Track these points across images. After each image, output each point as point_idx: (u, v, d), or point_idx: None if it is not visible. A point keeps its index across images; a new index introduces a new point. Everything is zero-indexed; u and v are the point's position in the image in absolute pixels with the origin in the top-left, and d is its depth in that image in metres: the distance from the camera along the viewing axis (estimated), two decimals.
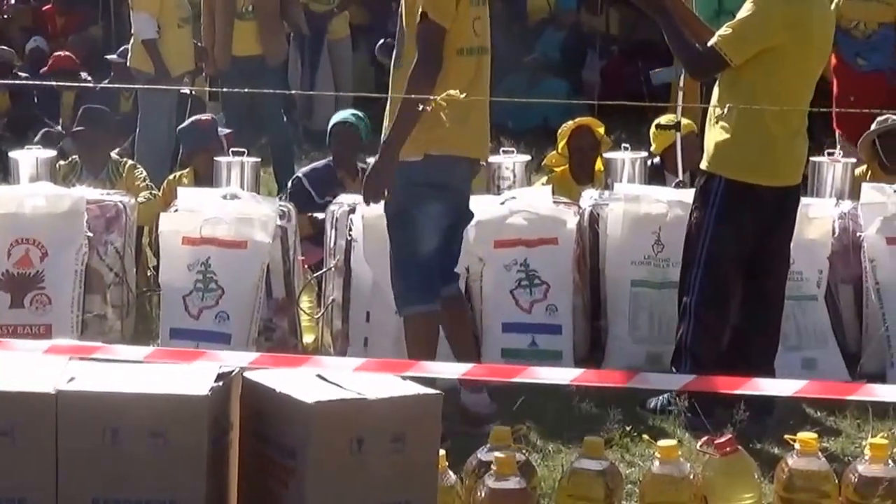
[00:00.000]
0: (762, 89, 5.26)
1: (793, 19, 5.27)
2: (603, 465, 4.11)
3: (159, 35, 9.15)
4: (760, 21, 5.26)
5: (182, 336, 5.88)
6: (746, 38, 5.26)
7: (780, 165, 5.36)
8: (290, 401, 3.35)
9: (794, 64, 5.29)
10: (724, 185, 5.31)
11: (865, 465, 4.14)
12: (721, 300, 5.41)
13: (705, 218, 5.34)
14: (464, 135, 5.15)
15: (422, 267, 5.20)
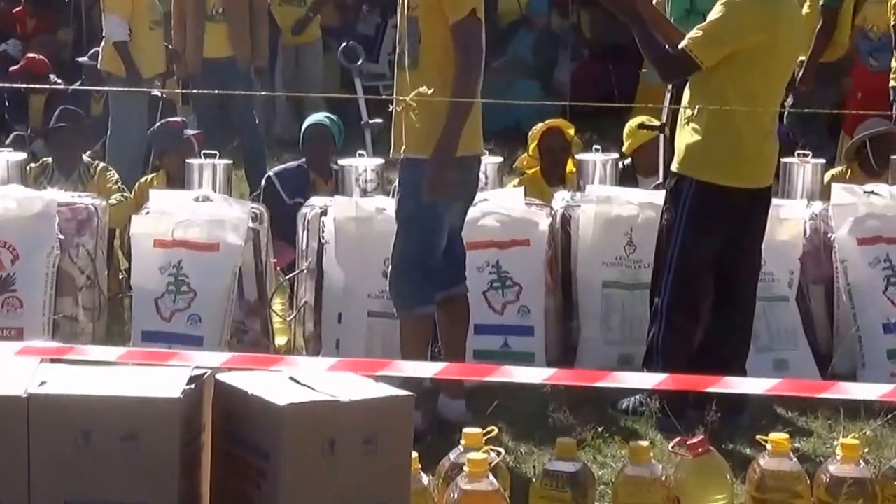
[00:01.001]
0: (733, 91, 5.28)
1: (763, 21, 5.29)
2: (575, 466, 4.12)
3: (131, 37, 9.12)
4: (731, 23, 5.28)
5: (154, 339, 5.86)
6: (717, 40, 5.28)
7: (751, 167, 5.39)
8: (262, 403, 3.35)
9: (764, 65, 5.32)
10: (695, 186, 5.33)
11: (837, 466, 4.16)
12: (692, 302, 5.43)
13: (676, 220, 5.36)
14: (476, 132, 5.25)
15: (429, 268, 5.21)
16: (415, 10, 5.16)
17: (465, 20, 5.07)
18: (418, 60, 5.16)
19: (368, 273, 5.93)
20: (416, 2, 5.15)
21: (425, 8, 5.12)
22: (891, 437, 5.20)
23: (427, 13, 5.12)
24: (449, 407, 5.31)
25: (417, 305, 5.21)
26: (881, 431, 5.26)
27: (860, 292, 6.10)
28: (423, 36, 5.13)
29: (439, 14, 5.10)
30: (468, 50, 5.10)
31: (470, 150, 5.23)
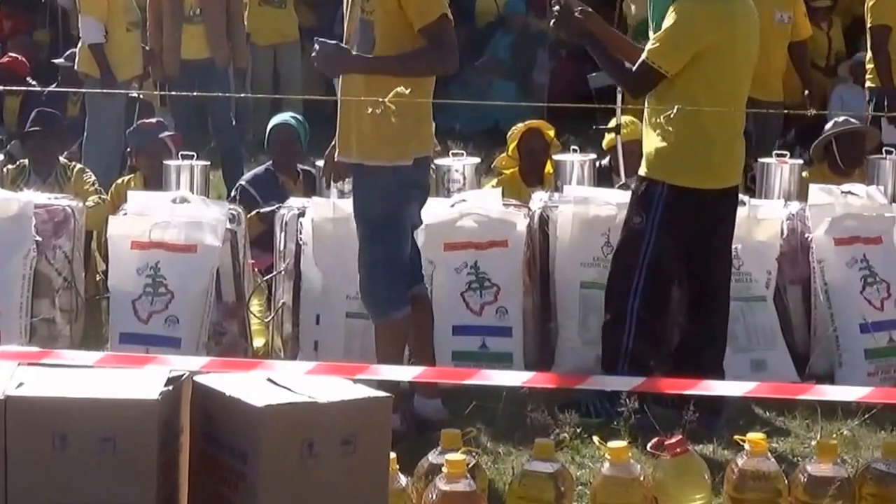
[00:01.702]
0: (699, 93, 5.29)
1: (717, 19, 5.33)
2: (554, 467, 4.13)
3: (107, 39, 9.09)
4: (687, 26, 5.31)
5: (132, 340, 5.84)
6: (676, 46, 5.31)
7: (721, 167, 5.42)
8: (240, 405, 3.34)
9: (724, 64, 5.35)
10: (667, 190, 5.35)
11: (814, 465, 4.17)
12: (664, 304, 5.46)
13: (648, 223, 5.37)
14: (428, 134, 5.26)
15: (400, 271, 5.20)
16: (370, 14, 5.07)
17: (435, 25, 5.02)
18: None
19: (346, 274, 5.91)
20: (373, 5, 5.05)
21: (383, 12, 5.04)
22: (868, 437, 5.22)
23: (385, 17, 5.04)
24: (426, 406, 5.31)
25: (393, 310, 5.20)
26: (858, 431, 5.28)
27: (837, 292, 6.12)
28: (378, 40, 5.05)
29: (399, 19, 5.03)
30: (442, 45, 5.05)
31: (422, 152, 5.22)
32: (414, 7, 5.01)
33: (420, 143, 5.17)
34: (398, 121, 4.86)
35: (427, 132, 5.24)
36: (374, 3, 5.06)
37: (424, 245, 6.10)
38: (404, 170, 5.11)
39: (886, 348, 6.05)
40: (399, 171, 5.10)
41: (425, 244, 6.11)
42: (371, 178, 5.14)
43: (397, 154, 5.09)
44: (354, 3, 5.15)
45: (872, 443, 5.07)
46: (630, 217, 5.46)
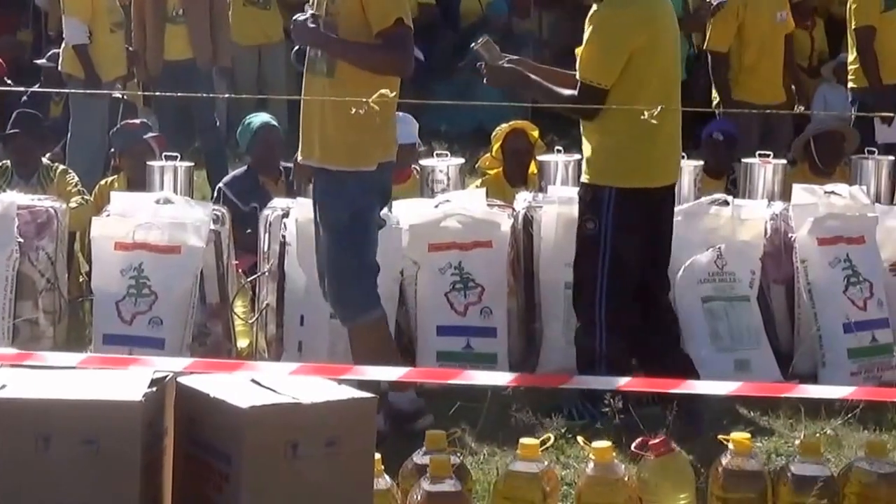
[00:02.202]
0: (634, 95, 5.33)
1: (639, 21, 5.39)
2: (538, 467, 4.12)
3: (91, 40, 9.07)
4: (611, 35, 5.36)
5: (115, 342, 5.82)
6: (607, 56, 5.36)
7: (665, 164, 5.51)
8: (224, 406, 3.34)
9: (654, 64, 5.40)
10: (615, 194, 5.39)
11: (798, 465, 4.18)
12: (629, 305, 5.49)
13: (602, 229, 5.41)
14: (392, 139, 5.26)
15: (371, 273, 5.20)
16: (334, 17, 5.07)
17: (391, 29, 5.02)
18: (335, 68, 5.10)
19: None
20: (337, 7, 5.06)
21: (347, 13, 5.04)
22: (851, 436, 5.23)
23: (347, 19, 5.04)
24: (401, 399, 5.30)
25: (365, 312, 5.20)
26: (842, 430, 5.29)
27: (820, 292, 6.14)
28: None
29: (361, 21, 5.03)
30: (397, 49, 5.05)
31: (386, 157, 5.21)
32: (374, 10, 5.02)
33: (384, 148, 5.18)
34: (362, 126, 4.91)
35: (391, 137, 5.24)
36: (338, 5, 5.08)
37: (409, 246, 6.12)
38: (368, 175, 5.11)
39: (869, 348, 6.07)
40: (363, 176, 5.10)
41: (409, 245, 6.11)
42: (335, 184, 5.13)
43: (361, 159, 5.09)
44: (319, 4, 5.16)
45: (856, 441, 5.09)
46: (583, 225, 5.48)
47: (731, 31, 8.44)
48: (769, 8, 8.46)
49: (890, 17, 8.64)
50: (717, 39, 8.52)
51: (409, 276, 6.13)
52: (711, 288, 6.10)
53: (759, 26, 8.40)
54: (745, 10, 8.40)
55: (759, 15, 8.41)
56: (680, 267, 6.12)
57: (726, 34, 8.46)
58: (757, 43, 8.39)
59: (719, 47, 8.51)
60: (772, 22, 8.44)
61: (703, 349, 5.98)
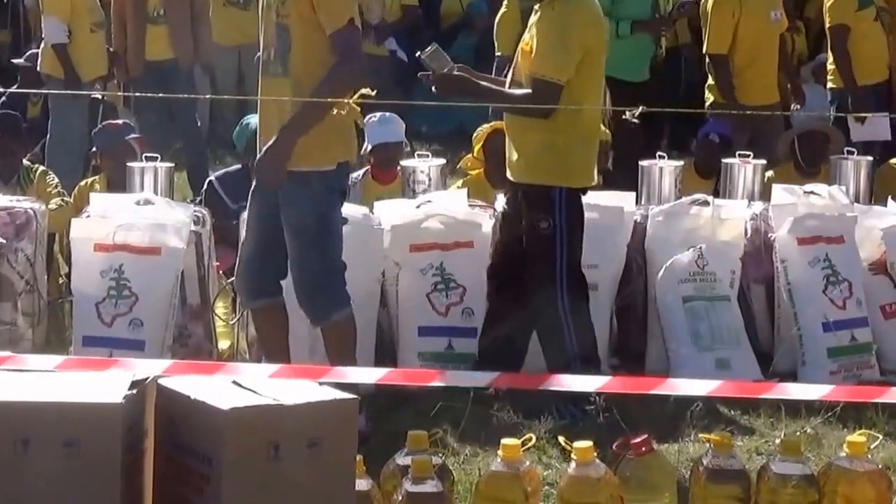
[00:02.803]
0: (584, 95, 5.48)
1: (590, 19, 5.54)
2: (520, 467, 4.13)
3: (70, 40, 9.05)
4: (569, 32, 5.44)
5: (95, 344, 5.81)
6: (566, 53, 5.43)
7: (594, 165, 5.70)
8: (205, 407, 3.33)
9: (598, 65, 5.58)
10: (566, 193, 5.50)
11: (779, 463, 4.19)
12: (586, 299, 5.61)
13: (558, 227, 5.48)
14: (353, 139, 5.25)
15: (340, 271, 5.21)
16: (286, 18, 5.07)
17: (344, 30, 5.02)
18: (288, 69, 5.09)
19: None
20: (288, 9, 5.05)
21: (298, 15, 5.04)
22: (831, 435, 5.25)
23: (300, 21, 5.04)
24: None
25: (336, 311, 5.21)
26: (821, 429, 5.31)
27: (800, 292, 6.16)
28: (294, 44, 5.06)
29: (313, 23, 5.03)
30: (347, 59, 5.04)
31: (345, 157, 5.22)
32: (325, 11, 5.02)
33: (345, 148, 5.17)
34: (322, 125, 4.94)
35: (351, 137, 5.23)
36: (289, 7, 5.07)
37: (390, 246, 6.11)
38: (328, 174, 5.11)
39: (848, 347, 6.09)
40: (323, 175, 5.10)
41: (391, 245, 6.11)
42: (300, 185, 5.11)
43: (321, 159, 5.09)
44: (269, 7, 5.15)
45: (835, 440, 5.10)
46: (535, 225, 5.52)
47: (729, 32, 8.28)
48: (764, 7, 8.33)
49: (864, 17, 8.68)
50: (716, 41, 8.36)
51: (390, 276, 6.13)
52: (692, 287, 6.11)
53: (753, 26, 8.27)
54: (741, 9, 8.27)
55: (754, 15, 8.28)
56: (660, 267, 6.14)
57: (724, 35, 8.30)
58: (750, 43, 8.27)
59: (719, 49, 8.35)
60: (766, 21, 8.31)
61: (684, 348, 6.00)
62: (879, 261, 6.41)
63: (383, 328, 6.18)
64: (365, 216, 6.14)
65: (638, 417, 5.24)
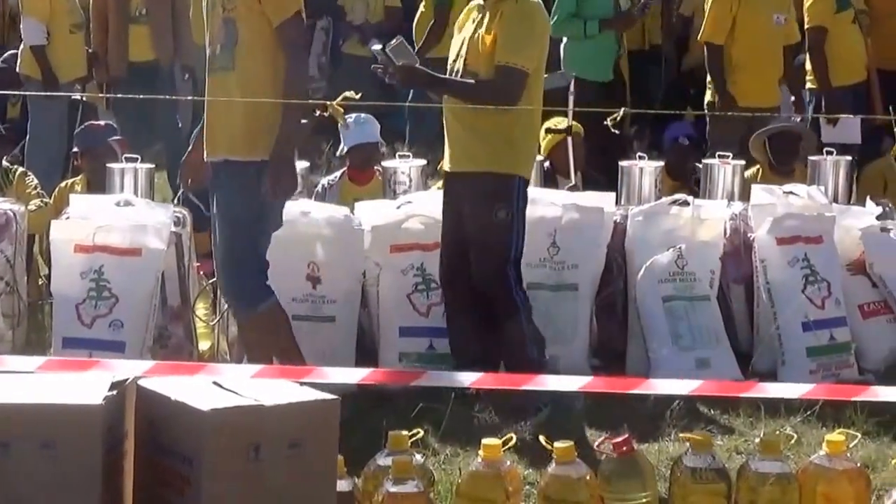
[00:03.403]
0: (536, 85, 5.61)
1: (546, 18, 5.76)
2: (501, 467, 4.14)
3: (49, 41, 9.02)
4: (535, 24, 5.59)
5: (75, 345, 5.79)
6: (532, 43, 5.55)
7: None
8: (185, 408, 3.33)
9: (544, 62, 5.70)
10: (521, 182, 5.61)
11: (759, 462, 4.21)
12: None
13: (514, 216, 5.56)
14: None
15: (264, 265, 5.19)
16: (231, 11, 5.08)
17: (291, 21, 5.05)
18: (235, 62, 5.10)
19: (292, 277, 5.91)
20: (234, 3, 5.07)
21: (245, 9, 5.06)
22: (810, 434, 5.27)
23: (246, 14, 5.05)
24: None
25: (261, 301, 5.19)
26: (801, 428, 5.33)
27: (779, 291, 6.18)
28: (241, 37, 5.07)
29: (259, 15, 5.05)
30: (296, 50, 5.09)
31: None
32: (272, 2, 5.04)
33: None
34: (266, 117, 4.98)
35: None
36: (235, 1, 5.08)
37: (371, 247, 6.12)
38: (262, 165, 5.09)
39: (827, 346, 6.11)
40: (262, 167, 5.08)
41: (372, 246, 6.12)
42: (236, 176, 5.12)
43: (255, 149, 5.08)
44: (214, 4, 5.15)
45: (815, 439, 5.12)
46: (492, 214, 5.54)
47: (727, 23, 8.13)
48: (766, 7, 8.19)
49: (842, 19, 8.70)
50: (710, 30, 8.23)
51: (371, 277, 6.13)
52: (672, 287, 6.13)
53: (752, 23, 8.12)
54: (739, 4, 8.14)
55: (753, 11, 8.13)
56: (640, 267, 6.15)
57: (722, 25, 8.15)
58: (748, 40, 8.12)
59: (713, 38, 8.21)
60: (768, 22, 8.17)
61: (664, 348, 6.02)
62: (858, 261, 6.44)
63: (364, 329, 6.18)
64: (346, 217, 6.14)
65: (618, 417, 5.25)
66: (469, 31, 5.68)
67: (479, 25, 5.64)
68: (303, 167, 7.16)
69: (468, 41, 5.65)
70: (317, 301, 5.94)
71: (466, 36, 5.68)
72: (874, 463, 4.94)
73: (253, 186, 5.08)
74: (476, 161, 5.60)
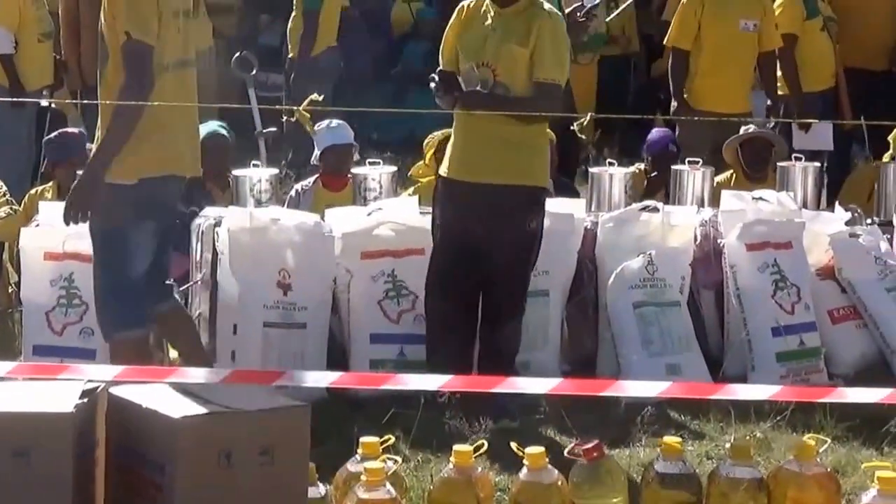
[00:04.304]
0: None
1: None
2: (472, 473, 4.14)
3: (17, 50, 8.98)
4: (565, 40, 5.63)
5: (45, 353, 5.77)
6: (567, 60, 5.66)
7: None
8: (156, 415, 3.32)
9: None
10: (545, 194, 5.68)
11: (729, 467, 4.23)
12: None
13: (539, 229, 5.61)
14: (176, 153, 5.05)
15: (133, 290, 5.02)
16: (102, 25, 5.01)
17: (126, 44, 4.90)
18: (105, 77, 5.01)
19: (263, 284, 5.90)
20: (104, 16, 4.99)
21: (106, 26, 4.98)
22: (780, 439, 5.29)
23: (109, 32, 4.97)
24: None
25: (118, 331, 5.04)
26: (771, 433, 5.35)
27: (749, 297, 6.20)
28: (110, 54, 4.98)
29: (115, 31, 4.94)
30: (128, 73, 4.90)
31: (149, 173, 4.99)
32: (120, 22, 4.93)
33: (146, 163, 4.96)
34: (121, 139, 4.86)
35: (157, 153, 4.98)
36: (105, 16, 5.01)
37: (341, 254, 6.11)
38: (126, 189, 4.94)
39: (797, 351, 6.14)
40: (119, 189, 4.93)
41: (342, 253, 6.11)
42: (102, 195, 4.97)
43: (118, 171, 4.94)
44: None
45: (785, 444, 5.14)
46: (526, 225, 5.54)
47: (692, 28, 8.09)
48: (733, 12, 8.13)
49: (812, 26, 8.77)
50: (674, 34, 8.20)
51: (342, 284, 6.13)
52: (642, 293, 6.14)
53: (716, 30, 8.10)
54: (703, 9, 8.10)
55: (717, 18, 8.10)
56: (611, 273, 6.17)
57: (684, 30, 8.13)
58: (713, 47, 8.10)
59: (677, 42, 8.19)
60: (734, 28, 8.11)
61: (635, 354, 6.03)
62: (827, 266, 6.48)
63: (335, 335, 6.17)
64: (316, 224, 6.13)
65: (589, 422, 5.26)
66: (492, 38, 5.58)
67: (505, 34, 5.56)
68: (272, 174, 7.16)
69: (496, 51, 5.55)
70: (288, 308, 5.93)
71: (490, 43, 5.57)
72: (844, 468, 4.96)
73: (108, 208, 4.92)
74: (508, 174, 5.53)
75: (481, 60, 5.58)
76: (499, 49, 5.55)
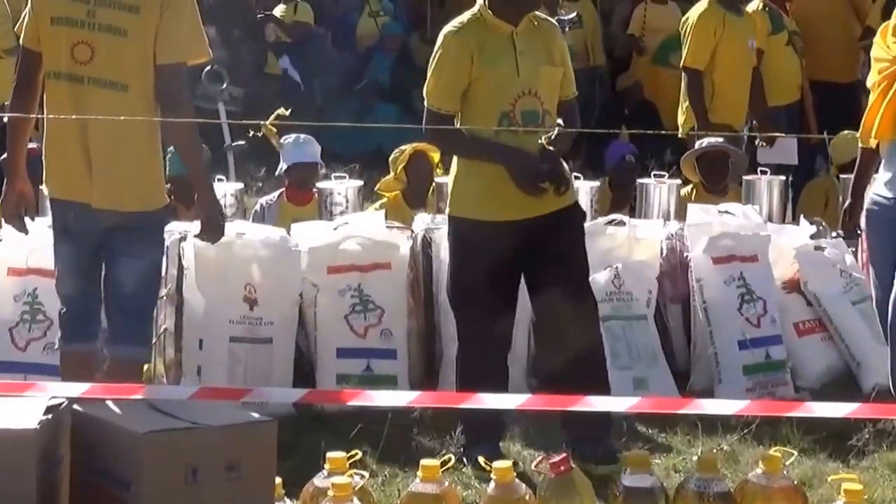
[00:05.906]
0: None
1: None
2: (439, 488, 4.13)
3: None
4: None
5: (9, 369, 5.73)
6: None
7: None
8: (121, 431, 3.30)
9: None
10: None
11: (696, 480, 4.24)
12: None
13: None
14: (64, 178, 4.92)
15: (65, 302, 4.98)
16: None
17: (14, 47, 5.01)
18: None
19: (229, 298, 5.88)
20: None
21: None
22: (747, 452, 5.31)
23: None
24: None
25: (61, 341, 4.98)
26: (738, 446, 5.36)
27: (716, 310, 6.22)
28: None
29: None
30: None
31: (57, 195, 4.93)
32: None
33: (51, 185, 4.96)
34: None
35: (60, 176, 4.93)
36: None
37: (308, 268, 6.10)
38: (51, 206, 5.00)
39: (763, 364, 6.16)
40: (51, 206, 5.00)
41: (308, 267, 6.10)
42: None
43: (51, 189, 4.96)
44: None
45: (751, 457, 5.16)
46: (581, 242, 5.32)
47: (709, 48, 8.08)
48: (743, 32, 8.20)
49: (777, 41, 8.83)
50: (692, 56, 8.16)
51: (308, 298, 6.11)
52: (609, 307, 6.15)
53: (733, 49, 8.12)
54: (723, 29, 8.08)
55: (735, 38, 8.12)
56: None
57: (704, 51, 8.10)
58: (728, 66, 8.11)
59: (695, 64, 8.14)
60: (745, 47, 8.18)
61: None
62: (792, 279, 6.51)
63: (301, 350, 6.16)
64: (282, 238, 6.11)
65: (556, 436, 5.26)
66: (523, 63, 5.15)
67: (533, 56, 5.18)
68: (237, 189, 7.14)
69: (534, 76, 5.15)
70: (254, 322, 5.91)
71: (524, 69, 5.15)
72: (810, 480, 4.98)
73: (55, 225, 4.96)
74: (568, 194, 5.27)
75: (524, 90, 5.13)
76: (537, 73, 5.16)
